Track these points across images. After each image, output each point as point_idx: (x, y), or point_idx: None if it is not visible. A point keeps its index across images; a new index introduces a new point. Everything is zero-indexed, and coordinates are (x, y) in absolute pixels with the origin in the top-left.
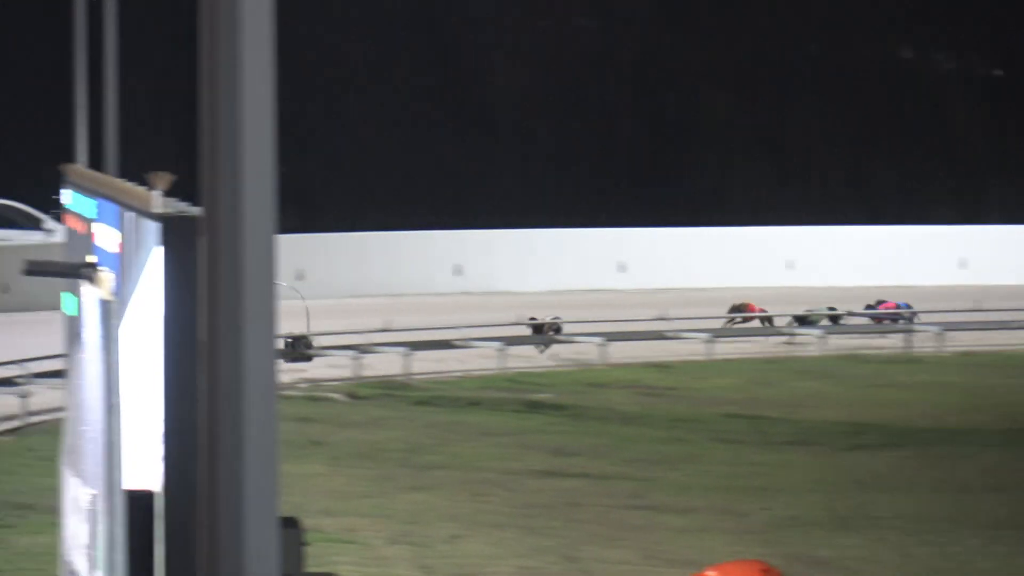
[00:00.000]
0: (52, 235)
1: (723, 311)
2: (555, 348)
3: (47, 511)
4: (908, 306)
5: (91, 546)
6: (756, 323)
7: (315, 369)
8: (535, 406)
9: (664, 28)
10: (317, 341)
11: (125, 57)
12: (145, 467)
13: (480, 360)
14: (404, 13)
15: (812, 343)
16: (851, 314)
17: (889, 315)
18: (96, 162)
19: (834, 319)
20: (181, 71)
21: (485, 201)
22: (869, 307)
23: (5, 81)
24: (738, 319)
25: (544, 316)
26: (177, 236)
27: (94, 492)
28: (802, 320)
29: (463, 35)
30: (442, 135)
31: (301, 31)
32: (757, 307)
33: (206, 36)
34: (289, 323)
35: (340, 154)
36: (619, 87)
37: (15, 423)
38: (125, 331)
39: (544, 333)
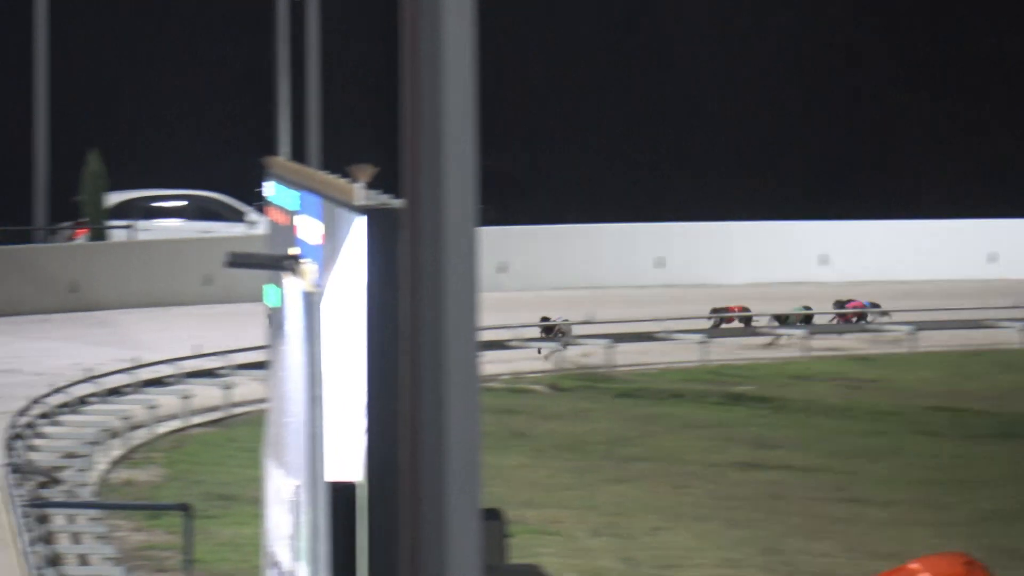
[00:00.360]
0: (254, 227)
1: (927, 303)
2: (746, 340)
3: (250, 502)
4: (874, 305)
5: (294, 537)
6: (737, 323)
7: (518, 361)
8: (738, 398)
9: (859, 22)
10: (518, 333)
11: (327, 50)
12: (348, 458)
13: (682, 352)
14: (602, 8)
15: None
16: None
17: (856, 313)
18: (299, 154)
19: (808, 319)
20: (383, 64)
21: (687, 193)
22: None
23: (210, 75)
24: (718, 320)
25: (556, 317)
26: (379, 228)
27: (297, 483)
28: (782, 320)
29: (664, 27)
30: (644, 127)
31: (497, 25)
32: (738, 307)
33: (408, 30)
34: (493, 315)
35: (542, 147)
36: (821, 78)
37: (219, 414)
38: (327, 323)
39: (553, 334)
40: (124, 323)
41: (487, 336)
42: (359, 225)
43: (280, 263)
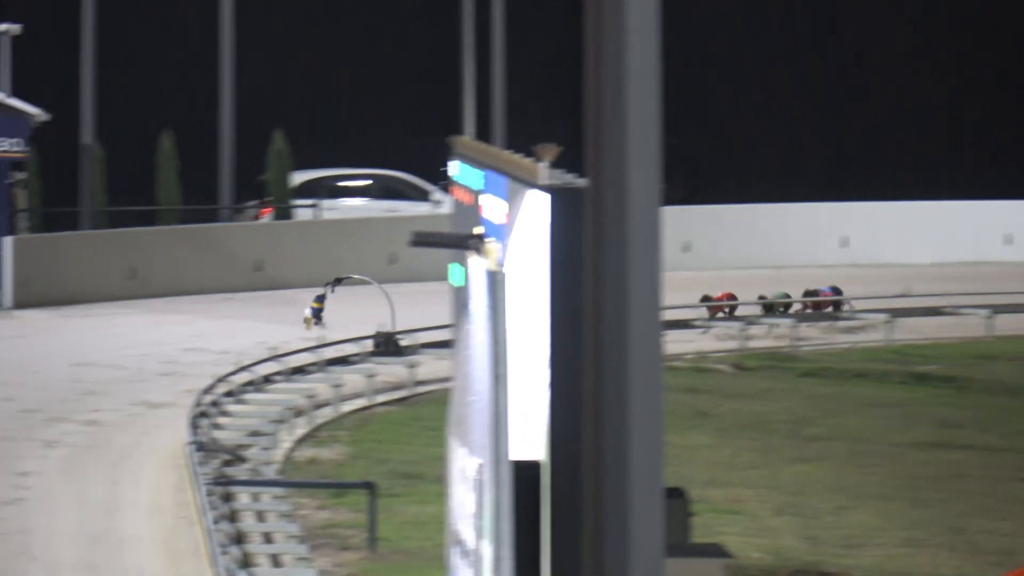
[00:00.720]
0: (439, 206)
1: None
2: (942, 320)
3: (434, 480)
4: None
5: (477, 516)
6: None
7: (702, 340)
8: (922, 378)
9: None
10: (702, 313)
11: (511, 29)
12: (531, 437)
13: (866, 332)
14: None
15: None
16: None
17: (830, 302)
18: (483, 134)
19: (787, 307)
20: (567, 43)
21: (870, 173)
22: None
23: (396, 54)
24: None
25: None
26: (563, 207)
27: (480, 462)
28: (767, 308)
29: (844, 6)
30: (827, 107)
31: (680, 1)
32: (725, 295)
33: (592, 9)
34: (677, 294)
35: (726, 126)
36: (1000, 57)
37: (404, 392)
38: (511, 302)
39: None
40: (308, 302)
41: (671, 315)
42: (543, 204)
43: (464, 242)
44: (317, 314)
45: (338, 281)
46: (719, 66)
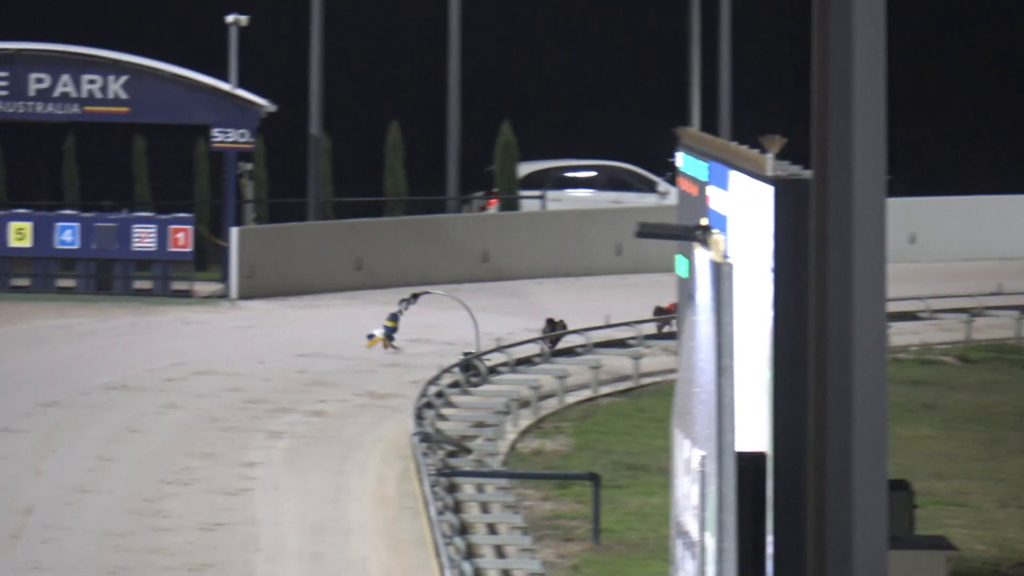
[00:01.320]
0: (665, 198)
1: None
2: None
3: (658, 472)
4: None
5: (701, 507)
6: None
7: (926, 332)
8: None
9: None
10: (928, 304)
11: (738, 22)
12: (755, 429)
13: None
14: None
15: None
16: None
17: None
18: (709, 125)
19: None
20: (793, 35)
21: None
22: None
23: (623, 46)
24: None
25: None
26: (788, 199)
27: (704, 454)
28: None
29: None
30: None
31: None
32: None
33: (819, 4)
34: (902, 286)
35: (951, 116)
36: None
37: (628, 384)
38: (736, 293)
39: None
40: (535, 292)
41: (895, 307)
42: (768, 195)
43: (690, 233)
44: (390, 334)
45: (414, 298)
46: (942, 55)
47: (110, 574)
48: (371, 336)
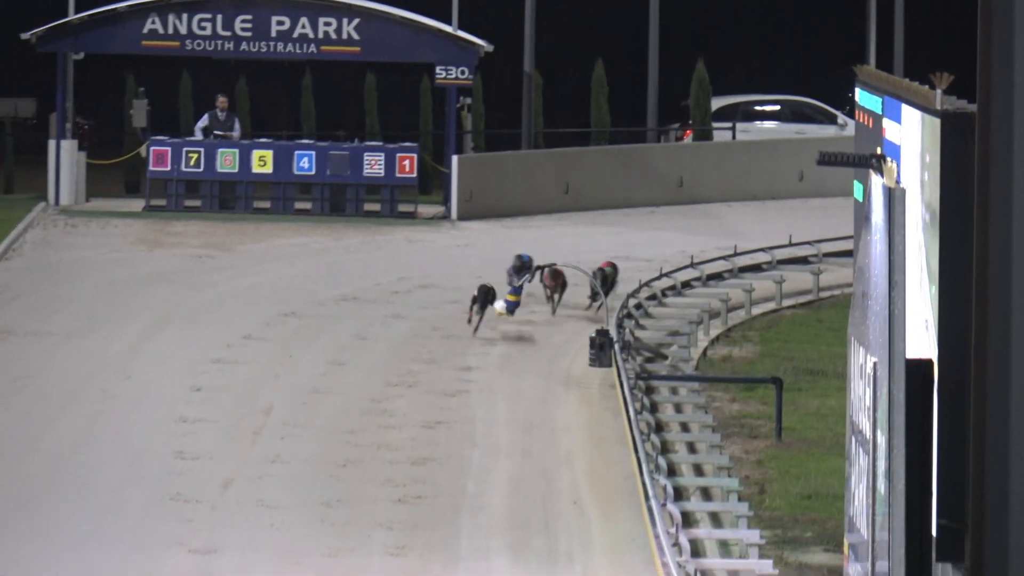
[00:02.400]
0: (844, 129)
1: None
2: None
3: (835, 376)
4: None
5: (873, 409)
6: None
7: None
8: None
9: None
10: None
11: None
12: (923, 338)
13: None
14: None
15: None
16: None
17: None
18: (884, 63)
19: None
20: None
21: None
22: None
23: None
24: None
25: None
26: (954, 131)
27: (876, 360)
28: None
29: None
30: None
31: None
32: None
33: None
34: None
35: None
36: None
37: (809, 297)
38: (907, 216)
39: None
40: (724, 215)
41: None
42: (937, 127)
43: (866, 161)
44: (512, 309)
45: (540, 269)
46: None
47: (340, 467)
48: (498, 305)
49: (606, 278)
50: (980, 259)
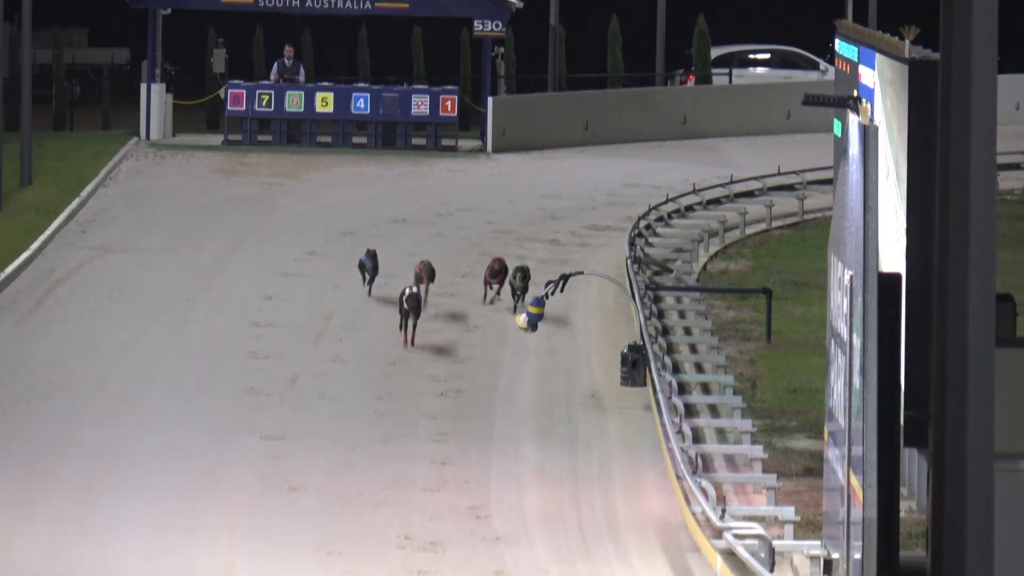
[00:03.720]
0: (825, 75)
1: None
2: None
3: (817, 287)
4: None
5: (850, 315)
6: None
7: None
8: None
9: None
10: None
11: None
12: (893, 255)
13: None
14: None
15: None
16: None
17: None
18: (861, 17)
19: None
20: None
21: None
22: None
23: None
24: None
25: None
26: (920, 76)
27: (852, 273)
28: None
29: None
30: None
31: None
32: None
33: None
34: (1007, 143)
35: None
36: None
37: (795, 219)
38: (879, 149)
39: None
40: (722, 148)
41: (1003, 160)
42: (904, 73)
43: (844, 102)
44: (535, 322)
45: (564, 279)
46: None
47: (391, 365)
48: (520, 319)
49: (526, 275)
50: (943, 187)
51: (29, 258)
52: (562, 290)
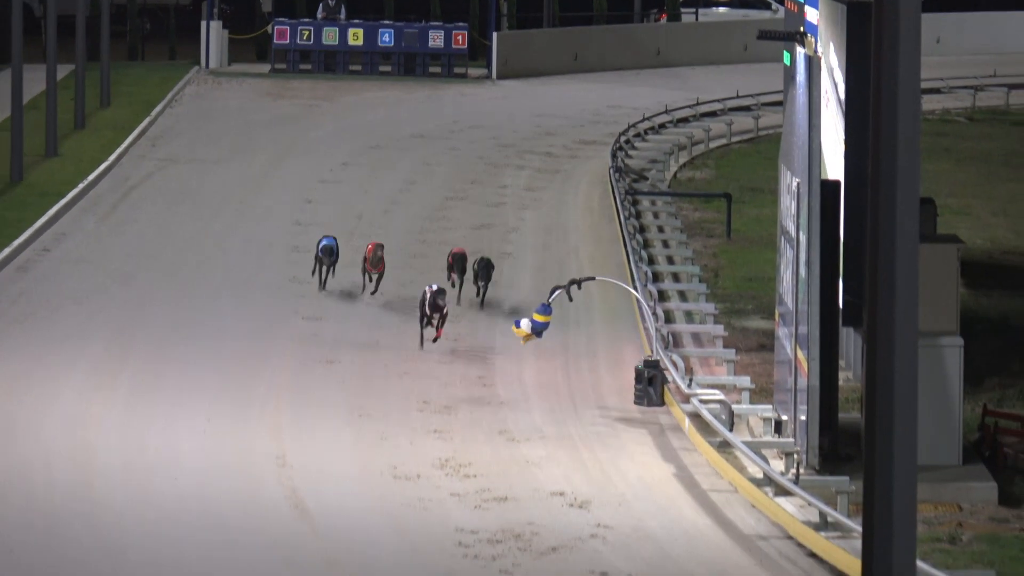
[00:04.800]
0: (776, 14)
1: None
2: None
3: (769, 192)
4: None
5: (797, 216)
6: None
7: (946, 101)
8: None
9: None
10: (947, 83)
11: None
12: (835, 164)
13: None
14: None
15: None
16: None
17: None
18: None
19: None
20: None
21: None
22: None
23: None
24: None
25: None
26: (856, 15)
27: (799, 180)
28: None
29: None
30: None
31: None
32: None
33: None
34: (931, 71)
35: None
36: None
37: (750, 135)
38: (822, 76)
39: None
40: (690, 76)
41: (926, 85)
42: (843, 12)
43: (793, 36)
44: (540, 331)
45: (575, 284)
46: None
47: (412, 257)
48: (517, 325)
49: (488, 267)
50: (876, 108)
51: (108, 168)
52: (571, 299)
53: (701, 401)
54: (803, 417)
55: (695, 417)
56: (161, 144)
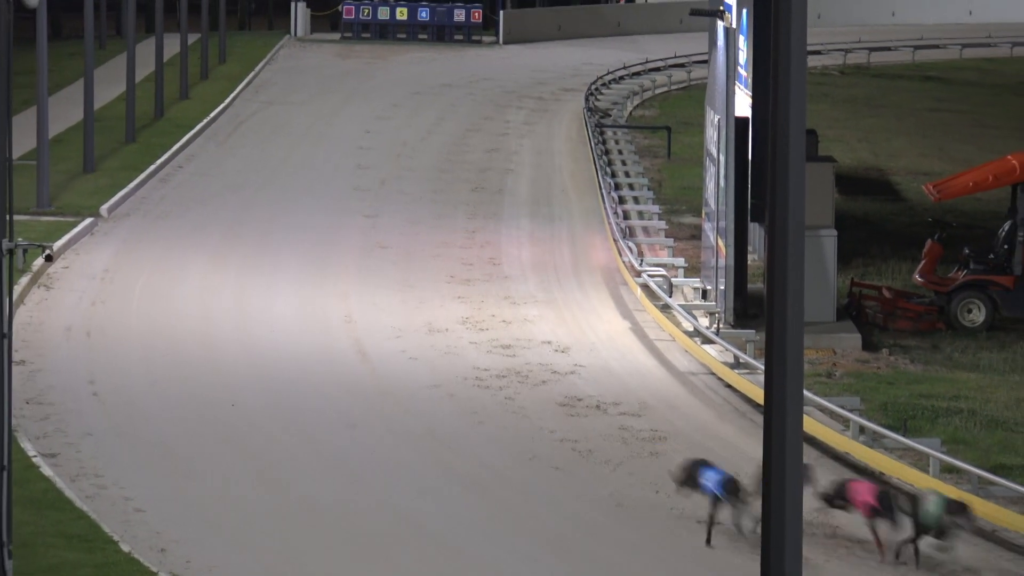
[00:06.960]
0: None
1: None
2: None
3: (698, 125)
4: None
5: (718, 142)
6: None
7: (826, 60)
8: (928, 77)
9: None
10: (825, 46)
11: None
12: (744, 106)
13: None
14: None
15: None
16: None
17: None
18: None
19: None
20: None
21: None
22: None
23: None
24: None
25: None
26: None
27: (719, 117)
28: None
29: None
30: None
31: None
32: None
33: None
34: (817, 38)
35: None
36: None
37: (684, 85)
38: (737, 44)
39: None
40: (643, 42)
41: (812, 47)
42: None
43: (715, 13)
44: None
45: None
46: None
47: (442, 172)
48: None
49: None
50: (774, 63)
51: (224, 108)
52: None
53: (649, 275)
54: (722, 287)
55: (644, 287)
56: (262, 91)
